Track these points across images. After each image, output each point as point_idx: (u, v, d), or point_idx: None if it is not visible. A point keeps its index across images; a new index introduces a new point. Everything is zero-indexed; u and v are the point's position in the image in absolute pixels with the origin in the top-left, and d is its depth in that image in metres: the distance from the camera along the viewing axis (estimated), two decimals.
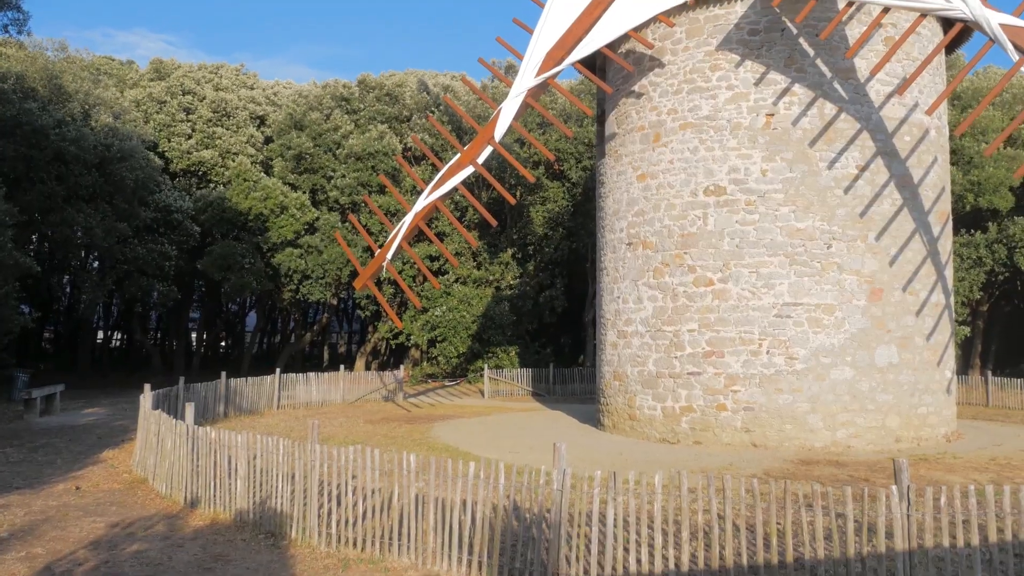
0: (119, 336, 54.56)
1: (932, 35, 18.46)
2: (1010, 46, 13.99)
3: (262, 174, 36.05)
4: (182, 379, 20.66)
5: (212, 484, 10.84)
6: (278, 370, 26.01)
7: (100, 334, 49.53)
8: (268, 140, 39.31)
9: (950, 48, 19.87)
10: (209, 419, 20.54)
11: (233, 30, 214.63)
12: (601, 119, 20.74)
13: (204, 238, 36.18)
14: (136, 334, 44.27)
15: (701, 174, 17.39)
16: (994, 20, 14.03)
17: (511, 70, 36.48)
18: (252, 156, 37.56)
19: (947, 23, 17.20)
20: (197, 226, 34.06)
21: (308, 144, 36.00)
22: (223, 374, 22.61)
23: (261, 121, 40.11)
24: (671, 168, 17.81)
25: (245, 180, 34.77)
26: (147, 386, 15.60)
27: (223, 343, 58.76)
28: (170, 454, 12.00)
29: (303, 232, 35.09)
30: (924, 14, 15.06)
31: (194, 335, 49.59)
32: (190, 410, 12.30)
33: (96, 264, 36.45)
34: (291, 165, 36.45)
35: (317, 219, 35.41)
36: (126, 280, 32.12)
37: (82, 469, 14.11)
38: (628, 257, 18.64)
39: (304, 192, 35.95)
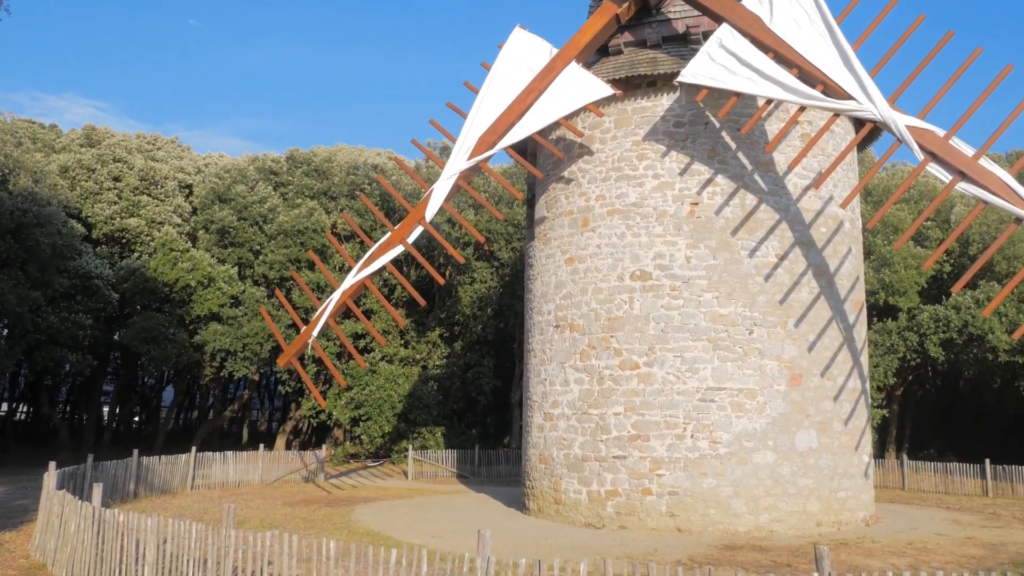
0: (24, 409, 51.99)
1: (845, 133, 19.47)
2: (916, 146, 14.84)
3: (189, 245, 35.41)
4: (91, 456, 19.77)
5: (118, 570, 10.28)
6: (194, 448, 25.13)
7: (4, 406, 47.15)
8: (196, 211, 38.79)
9: (862, 145, 20.96)
10: (118, 499, 19.61)
11: (165, 99, 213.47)
12: (531, 203, 21.10)
13: (123, 307, 35.10)
14: (43, 407, 42.26)
15: (628, 259, 17.76)
16: (901, 122, 14.89)
17: (445, 151, 37.01)
18: (179, 226, 36.93)
19: (859, 123, 18.17)
20: (116, 293, 33.06)
21: (232, 218, 35.56)
22: (135, 451, 21.72)
23: (190, 191, 39.61)
24: (599, 252, 18.15)
25: (172, 250, 34.05)
26: (52, 464, 14.87)
27: (137, 418, 56.52)
28: (73, 538, 11.37)
29: (227, 305, 34.35)
30: (837, 114, 15.90)
31: (106, 409, 47.61)
32: (98, 490, 11.72)
33: (5, 332, 34.92)
34: (215, 239, 35.93)
35: (242, 292, 34.76)
36: (37, 350, 30.82)
37: None
38: (555, 339, 18.76)
39: (231, 265, 35.37)
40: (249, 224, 35.85)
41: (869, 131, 16.28)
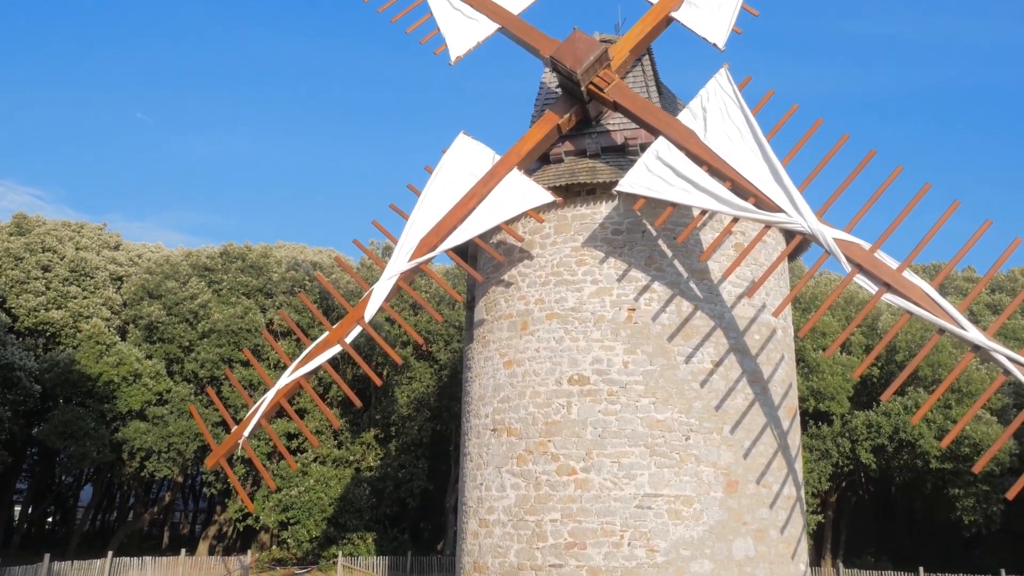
0: None
1: (776, 244, 20.12)
2: (843, 258, 15.37)
3: (117, 338, 34.42)
4: None
5: None
6: (110, 553, 23.87)
7: None
8: (126, 304, 37.92)
9: (792, 256, 21.62)
10: None
11: (104, 190, 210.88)
12: (471, 305, 21.14)
13: (45, 401, 33.71)
14: None
15: (566, 363, 17.79)
16: (828, 235, 15.45)
17: (387, 252, 37.14)
18: (108, 319, 35.99)
19: (789, 234, 18.75)
20: (39, 385, 31.78)
21: (161, 314, 34.78)
22: (46, 556, 20.55)
23: (121, 282, 38.80)
24: (537, 356, 18.16)
25: (98, 343, 33.05)
26: None
27: (51, 519, 53.57)
28: None
29: (153, 402, 33.24)
30: (769, 225, 16.44)
31: (18, 508, 45.09)
32: None
33: None
34: (144, 335, 35.02)
35: (169, 390, 33.71)
36: None
37: None
38: (492, 443, 18.52)
39: (159, 361, 34.40)
40: (179, 320, 35.06)
41: (799, 242, 16.82)
